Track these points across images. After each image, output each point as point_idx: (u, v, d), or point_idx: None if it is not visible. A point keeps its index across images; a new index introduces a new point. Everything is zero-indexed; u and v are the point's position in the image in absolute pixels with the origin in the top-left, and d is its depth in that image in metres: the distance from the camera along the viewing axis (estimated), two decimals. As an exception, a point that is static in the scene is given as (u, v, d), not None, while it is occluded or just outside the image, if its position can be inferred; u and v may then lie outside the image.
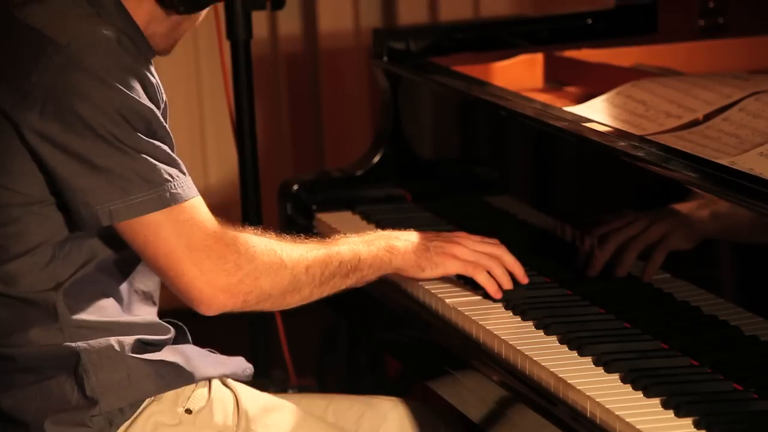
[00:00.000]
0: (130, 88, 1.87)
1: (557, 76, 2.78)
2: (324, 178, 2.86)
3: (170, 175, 1.88)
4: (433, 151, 2.82)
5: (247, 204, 3.03)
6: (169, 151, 1.91)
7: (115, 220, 1.87)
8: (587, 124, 2.27)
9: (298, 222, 2.75)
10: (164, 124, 1.93)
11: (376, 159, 2.85)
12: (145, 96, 1.90)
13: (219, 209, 2.26)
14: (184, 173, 1.91)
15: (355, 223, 2.64)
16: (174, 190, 1.88)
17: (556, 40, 2.91)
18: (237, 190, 3.08)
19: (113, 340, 1.95)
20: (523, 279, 2.17)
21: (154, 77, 1.95)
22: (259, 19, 3.43)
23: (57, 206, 1.92)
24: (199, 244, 1.89)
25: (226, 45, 2.98)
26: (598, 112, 2.37)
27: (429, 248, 2.16)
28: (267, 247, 1.98)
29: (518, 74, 2.77)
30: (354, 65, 4.01)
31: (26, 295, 1.94)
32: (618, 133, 2.21)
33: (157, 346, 2.01)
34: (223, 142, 3.84)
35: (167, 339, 2.03)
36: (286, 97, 4.01)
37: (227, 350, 2.14)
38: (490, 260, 2.16)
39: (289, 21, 3.96)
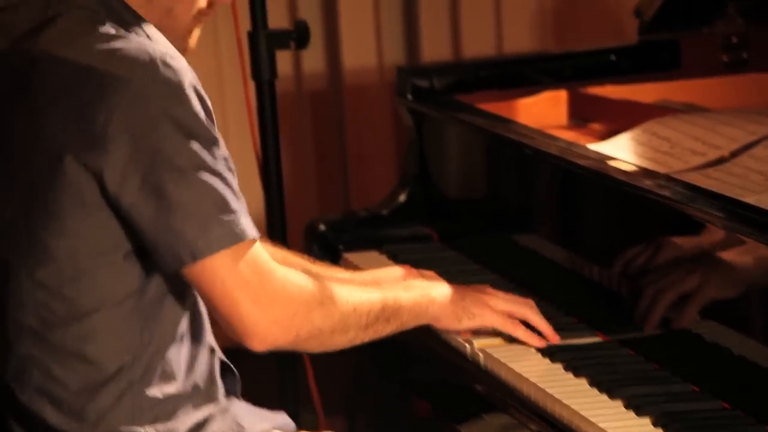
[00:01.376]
0: (200, 116, 1.83)
1: (581, 113, 2.78)
2: (350, 217, 2.86)
3: (237, 209, 1.84)
4: (459, 189, 2.81)
5: (274, 243, 3.03)
6: (234, 182, 1.87)
7: (198, 258, 1.82)
8: (612, 162, 2.27)
9: (324, 262, 2.75)
10: (226, 153, 1.88)
11: (402, 198, 2.85)
12: (212, 122, 1.85)
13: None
14: (245, 207, 1.87)
15: (382, 263, 2.63)
16: (241, 225, 1.84)
17: (580, 77, 2.91)
18: (263, 228, 3.08)
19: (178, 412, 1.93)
20: (553, 338, 2.15)
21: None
22: (283, 57, 3.43)
23: (132, 254, 1.87)
24: (256, 277, 1.86)
25: (251, 84, 2.99)
26: (622, 150, 2.37)
27: (465, 298, 2.14)
28: (318, 281, 1.97)
29: (542, 111, 2.77)
30: (378, 102, 4.02)
31: (98, 357, 1.89)
32: (643, 171, 2.21)
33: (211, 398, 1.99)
34: (248, 181, 3.82)
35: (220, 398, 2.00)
36: (311, 134, 4.02)
37: (255, 392, 2.14)
38: (523, 307, 2.15)
39: (313, 58, 3.97)
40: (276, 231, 3.02)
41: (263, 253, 1.89)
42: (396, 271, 2.27)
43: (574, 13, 4.09)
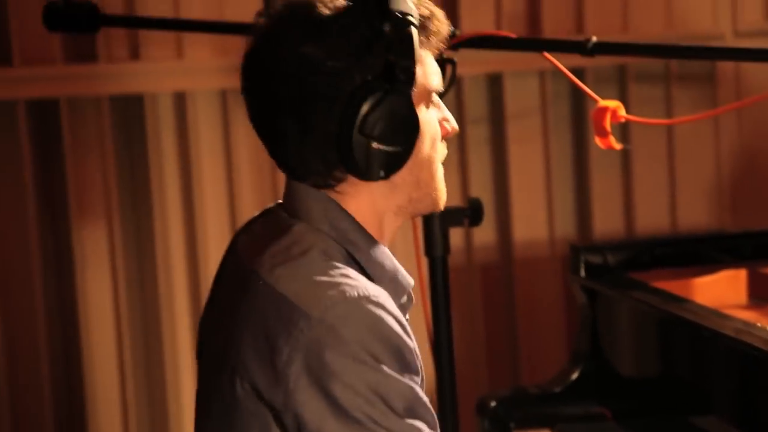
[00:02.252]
0: (387, 363, 1.76)
1: (762, 293, 2.72)
2: (521, 394, 2.83)
3: None
4: (634, 368, 2.77)
5: (444, 419, 3.01)
6: (427, 430, 1.78)
7: None
8: (796, 347, 2.21)
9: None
10: (424, 399, 1.80)
11: (575, 376, 2.81)
12: (402, 369, 1.78)
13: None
14: None
15: (554, 442, 2.60)
16: None
17: (761, 256, 2.86)
18: (434, 404, 3.06)
19: None
20: None
21: (410, 336, 1.83)
22: (455, 231, 3.47)
23: None
24: None
25: (424, 260, 3.01)
26: (806, 333, 2.31)
27: None
28: None
29: (720, 291, 2.72)
30: (549, 276, 4.00)
31: None
32: (829, 357, 2.15)
33: None
34: (420, 355, 3.85)
35: None
36: (481, 307, 4.01)
37: None
38: None
39: (484, 232, 3.99)
40: (447, 406, 3.00)
41: None
42: None
43: (752, 189, 4.05)
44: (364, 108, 1.81)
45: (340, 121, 1.82)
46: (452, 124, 1.95)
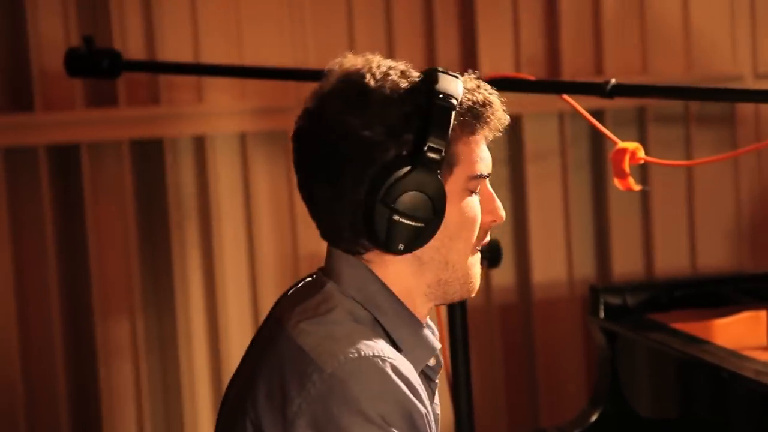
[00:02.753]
0: (394, 424, 1.77)
1: (782, 335, 2.72)
2: (541, 436, 2.82)
3: None
4: (653, 410, 2.76)
5: (463, 461, 3.00)
6: None
7: None
8: (816, 389, 2.20)
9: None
10: None
11: (594, 417, 2.80)
12: (412, 430, 1.79)
13: (434, 466, 2.24)
14: None
15: (574, 485, 2.59)
16: None
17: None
18: (453, 445, 3.05)
19: None
20: None
21: (425, 406, 1.83)
22: (474, 272, 3.46)
23: None
24: None
25: (443, 301, 3.01)
26: (826, 375, 2.30)
27: None
28: None
29: (741, 332, 2.71)
30: (568, 316, 4.00)
31: None
32: None
33: None
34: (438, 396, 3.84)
35: None
36: (500, 348, 4.00)
37: None
38: None
39: (503, 272, 3.99)
40: (466, 448, 2.99)
41: None
42: None
43: (771, 231, 4.05)
44: (390, 180, 1.85)
45: (367, 191, 1.86)
46: (497, 215, 1.96)
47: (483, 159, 1.93)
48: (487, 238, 1.97)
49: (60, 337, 3.79)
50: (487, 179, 1.95)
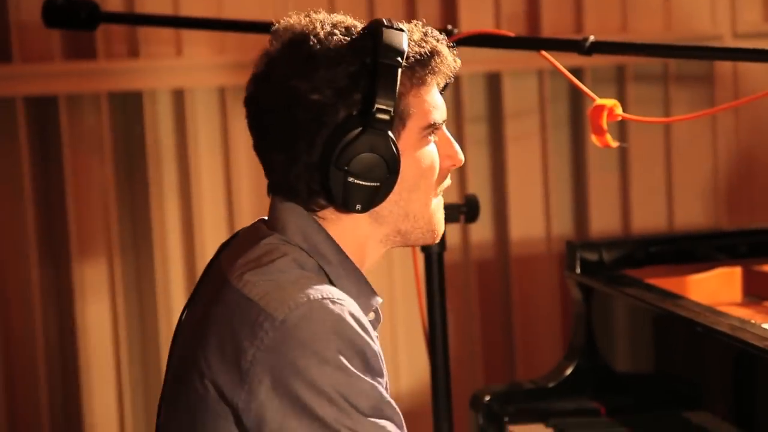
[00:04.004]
0: (350, 362, 1.79)
1: (757, 291, 2.73)
2: (516, 389, 2.84)
3: None
4: (628, 364, 2.78)
5: (438, 412, 3.02)
6: (395, 428, 1.80)
7: None
8: (789, 343, 2.22)
9: (491, 436, 2.73)
10: (388, 398, 1.81)
11: (569, 371, 2.82)
12: (365, 368, 1.81)
13: (410, 417, 2.25)
14: None
15: (548, 438, 2.61)
16: None
17: (756, 254, 2.87)
18: (428, 398, 3.07)
19: None
20: None
21: (375, 341, 1.85)
22: (451, 226, 3.49)
23: None
24: None
25: (420, 256, 3.02)
26: (800, 330, 2.32)
27: None
28: None
29: (715, 288, 2.73)
30: (545, 272, 4.02)
31: None
32: (822, 353, 2.16)
33: None
34: (414, 350, 3.86)
35: None
36: (477, 303, 4.02)
37: None
38: None
39: (481, 229, 4.00)
40: (441, 401, 3.01)
41: None
42: None
43: (748, 190, 4.06)
44: (342, 142, 1.86)
45: (321, 154, 1.88)
46: (456, 159, 1.98)
47: (436, 107, 1.94)
48: (449, 181, 1.99)
49: (37, 280, 3.79)
50: (443, 124, 1.96)
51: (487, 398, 2.79)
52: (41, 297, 3.82)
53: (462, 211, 2.92)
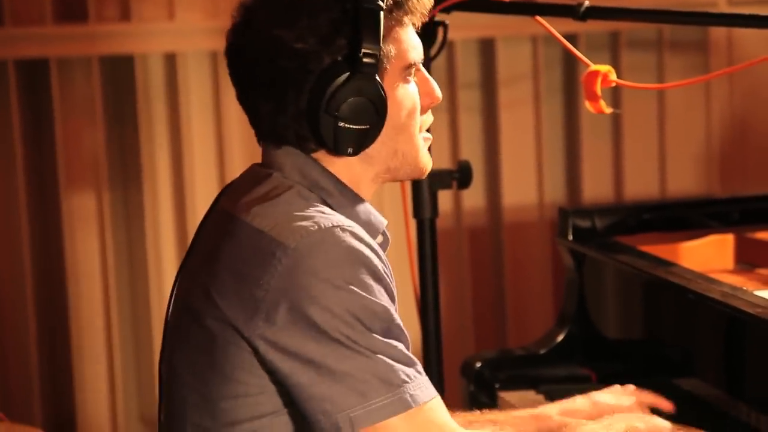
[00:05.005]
0: (362, 285, 1.83)
1: (749, 258, 2.73)
2: (507, 356, 2.84)
3: (408, 375, 1.82)
4: (619, 331, 2.78)
5: (430, 380, 3.01)
6: (404, 350, 1.85)
7: (357, 427, 1.81)
8: (781, 310, 2.22)
9: (480, 400, 2.73)
10: (398, 321, 1.86)
11: (560, 338, 2.82)
12: (377, 292, 1.85)
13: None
14: (420, 373, 1.85)
15: (539, 404, 2.59)
16: (413, 392, 1.82)
17: (748, 222, 2.87)
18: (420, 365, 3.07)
19: None
20: None
21: (386, 266, 1.90)
22: (444, 193, 3.48)
23: (290, 416, 1.88)
24: None
25: (412, 222, 3.01)
26: (792, 297, 2.32)
27: None
28: None
29: (707, 255, 2.73)
30: (537, 240, 4.01)
31: None
32: (813, 321, 2.16)
33: None
34: (406, 317, 3.84)
35: None
36: (469, 271, 4.02)
37: None
38: None
39: (474, 195, 3.99)
40: (432, 367, 3.01)
41: (441, 414, 1.85)
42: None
43: (741, 157, 4.06)
44: (330, 88, 1.89)
45: (308, 101, 1.90)
46: (434, 97, 2.01)
47: (414, 47, 1.97)
48: (431, 118, 2.02)
49: (26, 216, 3.78)
50: (421, 63, 1.98)
51: (478, 365, 2.79)
52: (32, 263, 3.82)
53: (454, 177, 2.91)
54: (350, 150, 1.91)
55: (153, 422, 3.96)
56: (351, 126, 1.90)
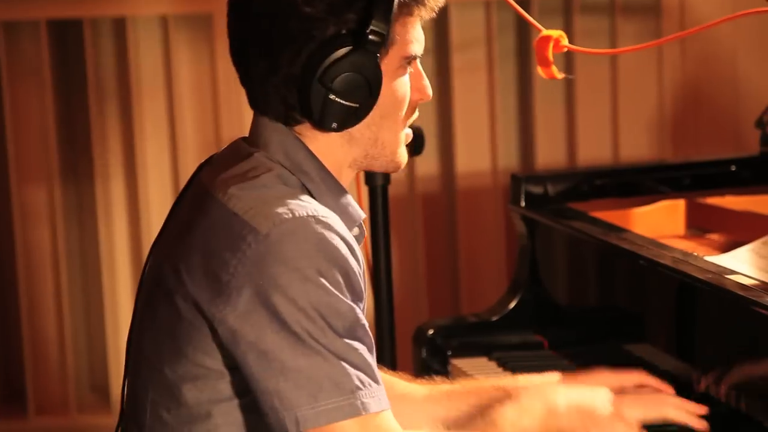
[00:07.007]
0: (331, 281, 1.80)
1: (700, 223, 2.74)
2: (459, 323, 2.83)
3: (362, 382, 1.79)
4: (571, 297, 2.78)
5: (381, 347, 3.01)
6: (365, 354, 1.81)
7: (302, 427, 1.78)
8: (731, 276, 2.22)
9: (432, 367, 2.72)
10: (363, 322, 1.83)
11: (513, 305, 2.82)
12: (345, 289, 1.81)
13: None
14: (377, 382, 1.81)
15: (491, 370, 2.61)
16: (365, 399, 1.79)
17: (699, 187, 2.87)
18: (372, 332, 3.06)
19: None
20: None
21: (359, 261, 1.87)
22: (397, 160, 3.46)
23: (250, 403, 1.85)
24: None
25: (364, 189, 3.00)
26: (742, 263, 2.33)
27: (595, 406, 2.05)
28: None
29: (659, 221, 2.73)
30: (490, 206, 4.01)
31: None
32: (764, 286, 2.16)
33: None
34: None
35: None
36: (422, 237, 4.02)
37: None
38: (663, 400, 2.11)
39: (427, 162, 3.99)
40: (384, 334, 3.00)
41: (390, 427, 1.82)
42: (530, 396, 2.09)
43: (694, 122, 4.07)
44: (329, 59, 1.86)
45: (303, 67, 1.87)
46: (425, 94, 1.99)
47: (418, 40, 1.95)
48: (416, 115, 2.00)
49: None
50: (419, 59, 1.97)
51: (431, 332, 2.78)
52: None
53: (407, 144, 2.89)
54: (334, 125, 1.88)
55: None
56: (341, 101, 1.87)
